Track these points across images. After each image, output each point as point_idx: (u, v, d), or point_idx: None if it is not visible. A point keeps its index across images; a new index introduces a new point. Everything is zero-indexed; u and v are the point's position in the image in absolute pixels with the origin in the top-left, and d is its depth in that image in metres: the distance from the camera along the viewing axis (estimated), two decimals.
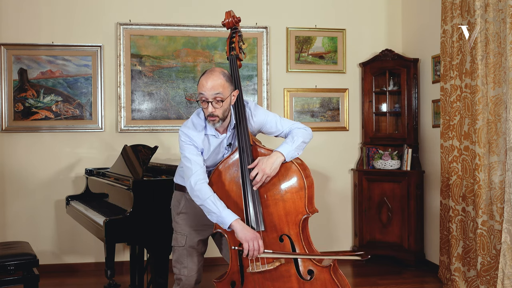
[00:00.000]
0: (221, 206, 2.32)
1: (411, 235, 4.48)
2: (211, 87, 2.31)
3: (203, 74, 2.38)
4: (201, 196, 2.34)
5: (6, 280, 2.91)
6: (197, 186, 2.35)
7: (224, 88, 2.33)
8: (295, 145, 2.43)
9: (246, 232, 2.29)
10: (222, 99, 2.33)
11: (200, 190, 2.34)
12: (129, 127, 4.55)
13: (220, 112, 2.35)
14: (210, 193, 2.35)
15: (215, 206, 2.32)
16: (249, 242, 2.28)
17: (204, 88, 2.32)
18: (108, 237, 2.85)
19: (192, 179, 2.37)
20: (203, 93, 2.32)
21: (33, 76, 4.42)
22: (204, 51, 4.66)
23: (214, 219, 2.34)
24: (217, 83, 2.32)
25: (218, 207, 2.31)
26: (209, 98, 2.32)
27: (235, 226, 2.29)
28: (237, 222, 2.30)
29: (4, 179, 4.41)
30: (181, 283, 2.61)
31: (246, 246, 2.28)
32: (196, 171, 2.38)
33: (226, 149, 2.52)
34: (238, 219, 2.32)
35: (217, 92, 2.31)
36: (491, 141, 3.46)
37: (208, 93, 2.31)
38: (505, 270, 3.25)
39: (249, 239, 2.28)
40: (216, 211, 2.31)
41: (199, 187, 2.35)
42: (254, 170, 2.36)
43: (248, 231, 2.30)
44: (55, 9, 4.46)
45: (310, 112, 4.86)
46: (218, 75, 2.35)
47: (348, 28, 4.90)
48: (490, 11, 3.41)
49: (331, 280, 2.31)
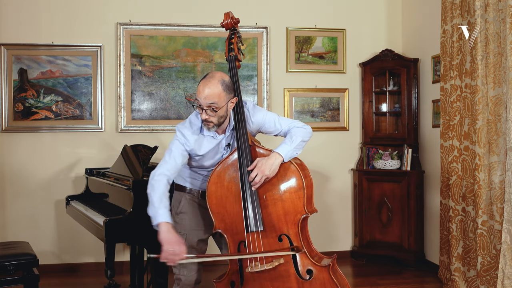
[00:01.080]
0: (163, 205, 2.31)
1: (411, 235, 4.48)
2: (206, 96, 2.32)
3: (203, 78, 2.38)
4: (155, 186, 2.34)
5: (6, 280, 2.92)
6: (158, 177, 2.36)
7: (219, 98, 2.33)
8: (293, 145, 2.43)
9: (169, 235, 2.25)
10: (217, 109, 2.34)
11: (158, 182, 2.35)
12: (129, 127, 4.55)
13: (214, 119, 2.37)
14: (164, 189, 2.34)
15: (159, 201, 2.30)
16: (170, 245, 2.23)
17: (200, 95, 2.34)
18: (108, 237, 2.85)
19: (159, 170, 2.38)
20: (199, 99, 2.34)
21: (33, 76, 4.42)
22: (204, 51, 4.66)
23: (151, 212, 2.32)
24: (213, 92, 2.32)
25: (160, 204, 2.30)
26: (204, 106, 2.34)
27: (161, 227, 2.26)
28: (166, 225, 2.27)
29: (4, 179, 4.42)
30: (181, 283, 2.61)
31: (165, 248, 2.23)
32: (168, 167, 2.39)
33: (225, 149, 2.52)
34: (169, 224, 2.28)
35: (211, 102, 2.32)
36: (491, 141, 3.45)
37: (203, 101, 2.33)
38: (505, 270, 3.25)
39: (171, 242, 2.23)
40: (157, 205, 2.30)
41: (159, 179, 2.36)
42: (253, 171, 2.36)
43: (171, 235, 2.25)
44: (55, 9, 4.47)
45: (310, 112, 4.86)
46: (216, 84, 2.34)
47: (348, 28, 4.90)
48: (490, 11, 3.41)
49: (330, 280, 2.31)
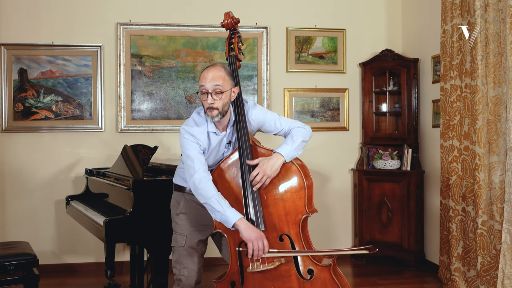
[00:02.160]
0: (225, 205, 2.31)
1: (411, 235, 4.48)
2: (212, 78, 2.34)
3: (205, 68, 2.42)
4: (205, 194, 2.33)
5: (6, 280, 2.91)
6: (202, 185, 2.34)
7: (224, 81, 2.36)
8: (294, 145, 2.43)
9: (251, 232, 2.27)
10: (222, 91, 2.35)
11: (205, 189, 2.33)
12: (129, 127, 4.55)
13: (219, 104, 2.36)
14: (214, 191, 2.34)
15: (219, 204, 2.30)
16: (254, 242, 2.26)
17: (205, 80, 2.36)
18: (108, 237, 2.85)
19: (196, 177, 2.36)
20: (204, 84, 2.36)
21: (33, 76, 4.42)
22: (204, 51, 4.66)
23: (218, 217, 2.33)
24: (217, 74, 2.35)
25: (223, 206, 2.30)
26: (209, 89, 2.35)
27: (239, 225, 2.28)
28: (241, 221, 2.29)
29: (4, 179, 4.42)
30: (181, 284, 2.61)
31: (250, 245, 2.26)
32: (199, 169, 2.37)
33: (226, 147, 2.53)
34: (242, 218, 2.30)
35: (217, 84, 2.34)
36: (491, 141, 3.46)
37: (209, 84, 2.34)
38: (505, 270, 3.25)
39: (253, 239, 2.26)
40: (221, 209, 2.30)
41: (204, 185, 2.34)
42: (255, 170, 2.36)
43: (252, 231, 2.28)
44: (55, 9, 4.46)
45: (310, 112, 4.86)
46: (219, 68, 2.40)
47: (348, 28, 4.90)
48: (490, 11, 3.41)
49: (331, 280, 2.31)
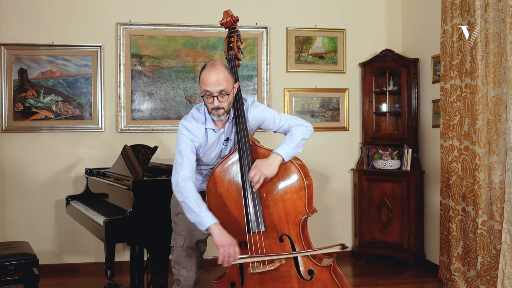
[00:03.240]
0: (203, 207, 2.28)
1: (411, 235, 4.48)
2: (216, 82, 2.30)
3: (205, 68, 2.36)
4: (185, 193, 2.30)
5: (6, 280, 2.91)
6: (183, 183, 2.32)
7: (228, 82, 2.34)
8: (293, 144, 2.43)
9: (224, 237, 2.23)
10: (227, 93, 2.34)
11: (186, 188, 2.31)
12: (129, 127, 4.54)
13: (225, 104, 2.36)
14: (194, 192, 2.31)
15: (197, 205, 2.27)
16: (225, 248, 2.22)
17: (208, 84, 2.31)
18: (108, 237, 2.85)
19: (180, 175, 2.34)
20: (208, 89, 2.31)
21: (33, 76, 4.42)
22: (204, 51, 4.66)
23: (193, 218, 2.29)
24: (221, 76, 2.31)
25: (200, 207, 2.27)
26: (214, 93, 2.31)
27: (213, 230, 2.24)
28: (216, 226, 2.25)
29: (4, 179, 4.42)
30: (180, 284, 2.60)
31: (221, 251, 2.22)
32: (186, 168, 2.36)
33: (224, 144, 2.52)
34: (218, 223, 2.26)
35: (222, 88, 2.31)
36: (491, 141, 3.45)
37: (214, 88, 2.31)
38: (505, 270, 3.25)
39: (225, 244, 2.22)
40: (197, 210, 2.26)
41: (185, 184, 2.32)
42: (251, 170, 2.36)
43: (225, 237, 2.24)
44: (55, 9, 4.46)
45: (310, 112, 4.86)
46: (221, 68, 2.34)
47: (348, 28, 4.90)
48: (490, 11, 3.41)
49: (332, 280, 2.31)
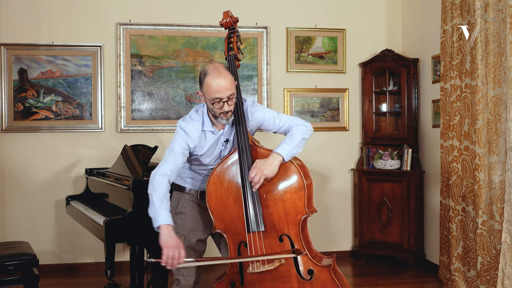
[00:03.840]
0: (164, 206, 2.29)
1: (411, 235, 4.48)
2: (225, 87, 2.31)
3: (209, 75, 2.33)
4: (155, 187, 2.31)
5: (6, 280, 2.92)
6: (159, 178, 2.33)
7: (233, 85, 2.36)
8: (293, 144, 2.43)
9: (170, 239, 2.22)
10: (235, 96, 2.38)
11: (159, 182, 2.32)
12: (129, 127, 4.55)
13: (233, 107, 2.39)
14: (164, 190, 2.32)
15: (159, 202, 2.28)
16: (170, 249, 2.20)
17: (219, 91, 2.30)
18: (108, 237, 2.85)
19: (160, 169, 2.36)
20: (219, 96, 2.31)
21: (33, 76, 4.42)
22: (204, 51, 4.66)
23: (151, 213, 2.30)
24: (228, 81, 2.33)
25: (161, 205, 2.28)
26: (225, 99, 2.33)
27: (163, 230, 2.24)
28: (166, 228, 2.24)
29: (4, 179, 4.42)
30: (179, 284, 2.61)
31: (165, 251, 2.20)
32: (168, 165, 2.37)
33: (223, 145, 2.52)
34: (170, 226, 2.26)
35: (231, 92, 2.33)
36: (491, 141, 3.45)
37: (225, 94, 2.31)
38: (505, 270, 3.25)
39: (170, 246, 2.21)
40: (157, 206, 2.27)
41: (160, 179, 2.33)
42: (251, 170, 2.36)
43: (172, 238, 2.23)
44: (55, 9, 4.46)
45: (310, 112, 4.86)
46: (226, 72, 2.36)
47: (348, 28, 4.90)
48: (490, 11, 3.40)
49: (331, 280, 2.31)
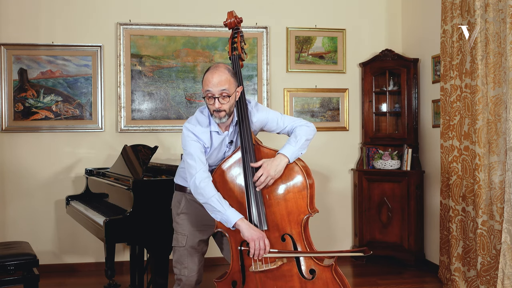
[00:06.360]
0: (225, 205, 2.32)
1: (411, 235, 4.48)
2: (218, 82, 2.32)
3: (208, 70, 2.38)
4: (206, 194, 2.32)
5: (6, 280, 2.91)
6: (202, 184, 2.34)
7: (230, 84, 2.35)
8: (298, 145, 2.43)
9: (252, 231, 2.28)
10: (229, 95, 2.34)
11: (205, 189, 2.33)
12: (129, 127, 4.54)
13: (226, 106, 2.36)
14: (214, 191, 2.34)
15: (220, 204, 2.30)
16: (255, 241, 2.26)
17: (210, 84, 2.32)
18: (108, 237, 2.85)
19: (196, 177, 2.35)
20: (210, 89, 2.32)
21: (33, 76, 4.42)
22: (204, 51, 4.66)
23: (218, 217, 2.32)
24: (222, 78, 2.33)
25: (223, 206, 2.31)
26: (216, 94, 2.32)
27: (240, 225, 2.28)
28: (242, 221, 2.29)
29: (4, 179, 4.41)
30: (181, 284, 2.61)
31: (252, 245, 2.26)
32: (200, 169, 2.37)
33: (228, 147, 2.52)
34: (243, 218, 2.30)
35: (223, 88, 2.32)
36: (491, 141, 3.46)
37: (215, 89, 2.32)
38: (505, 270, 3.26)
39: (255, 238, 2.26)
40: (221, 209, 2.30)
41: (204, 185, 2.34)
42: (259, 171, 2.36)
43: (254, 230, 2.28)
44: (55, 9, 4.46)
45: (310, 112, 4.86)
46: (224, 70, 2.36)
47: (348, 28, 4.90)
48: (490, 11, 3.41)
49: (333, 279, 2.31)
